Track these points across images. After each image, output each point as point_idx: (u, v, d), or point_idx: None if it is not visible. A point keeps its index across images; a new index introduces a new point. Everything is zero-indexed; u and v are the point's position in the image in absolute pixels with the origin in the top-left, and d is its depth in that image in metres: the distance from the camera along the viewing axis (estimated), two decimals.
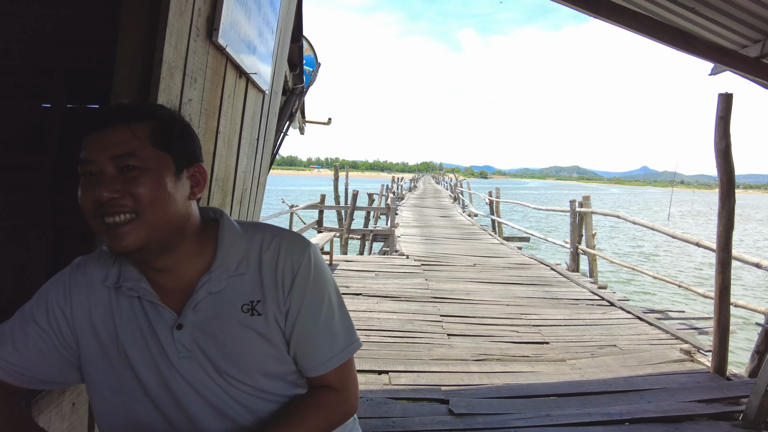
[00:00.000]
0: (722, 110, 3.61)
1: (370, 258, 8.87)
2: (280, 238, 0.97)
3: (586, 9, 3.30)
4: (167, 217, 0.85)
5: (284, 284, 0.93)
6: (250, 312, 0.91)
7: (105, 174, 0.82)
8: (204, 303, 0.90)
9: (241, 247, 0.94)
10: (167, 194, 0.84)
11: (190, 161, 0.91)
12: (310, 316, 0.94)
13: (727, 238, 3.82)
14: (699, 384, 3.69)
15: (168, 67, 1.34)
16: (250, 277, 0.93)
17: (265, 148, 2.92)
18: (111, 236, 0.81)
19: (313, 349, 0.95)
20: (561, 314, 5.46)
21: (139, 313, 0.90)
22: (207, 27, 1.61)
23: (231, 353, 0.90)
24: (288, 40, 3.21)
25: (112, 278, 0.91)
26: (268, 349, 0.92)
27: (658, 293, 11.80)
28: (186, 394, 0.89)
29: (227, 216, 0.98)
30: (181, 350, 0.88)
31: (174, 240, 0.88)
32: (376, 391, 3.35)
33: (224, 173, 2.05)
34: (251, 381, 0.91)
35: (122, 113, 0.85)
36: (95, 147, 0.82)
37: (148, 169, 0.83)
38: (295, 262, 0.94)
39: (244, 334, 0.90)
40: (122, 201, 0.81)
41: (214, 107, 1.81)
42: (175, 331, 0.88)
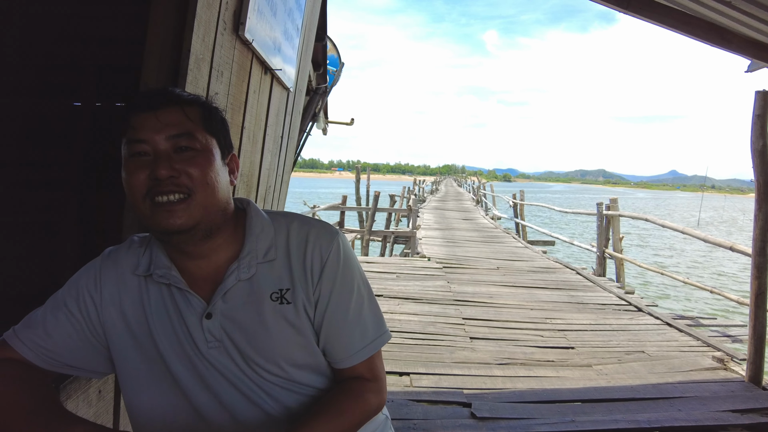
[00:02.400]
0: (759, 108, 3.47)
1: (391, 260, 8.84)
2: (309, 227, 0.96)
3: (616, 5, 3.22)
4: (216, 200, 0.85)
5: (313, 273, 0.91)
6: (279, 300, 0.90)
7: (161, 152, 0.82)
8: (233, 291, 0.89)
9: (269, 235, 0.93)
10: (218, 176, 0.86)
11: (229, 149, 0.93)
12: (340, 305, 0.93)
13: (763, 242, 3.67)
14: (733, 393, 3.55)
15: (195, 60, 1.34)
16: (278, 264, 0.92)
17: (288, 146, 2.93)
18: (164, 214, 0.81)
19: (343, 340, 0.94)
20: (587, 319, 5.34)
21: (168, 301, 0.90)
22: (234, 21, 1.61)
23: (259, 342, 0.89)
24: (312, 38, 3.21)
25: (143, 266, 0.91)
26: (297, 338, 0.91)
27: (690, 300, 11.48)
28: (218, 383, 0.89)
29: (254, 205, 0.98)
30: (210, 339, 0.88)
31: (218, 224, 0.88)
32: (397, 393, 3.31)
33: (249, 169, 2.06)
34: (279, 371, 0.90)
35: (175, 96, 0.86)
36: (148, 126, 0.82)
37: (203, 150, 0.84)
38: (324, 250, 0.92)
39: (274, 322, 0.89)
40: (179, 180, 0.81)
41: (240, 102, 1.81)
42: (204, 321, 0.88)
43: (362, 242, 10.97)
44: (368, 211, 11.36)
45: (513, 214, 17.15)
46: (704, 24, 3.27)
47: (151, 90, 0.88)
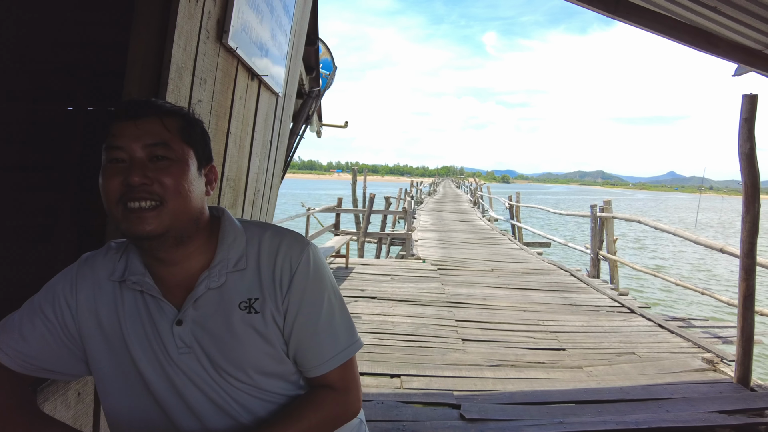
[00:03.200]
0: (746, 112, 3.51)
1: (386, 261, 8.87)
2: (280, 238, 0.97)
3: (603, 10, 3.25)
4: (188, 209, 0.88)
5: (282, 283, 0.93)
6: (247, 309, 0.92)
7: (136, 160, 0.84)
8: (203, 299, 0.91)
9: (240, 244, 0.95)
10: (191, 186, 0.88)
11: (207, 160, 0.95)
12: (310, 315, 0.94)
13: (751, 244, 3.71)
14: (721, 394, 3.58)
15: (177, 69, 1.36)
16: (248, 274, 0.94)
17: (278, 150, 2.95)
18: (134, 220, 0.83)
19: (313, 349, 0.95)
20: (579, 321, 5.37)
21: (141, 307, 0.92)
22: (217, 29, 1.63)
23: (228, 350, 0.91)
24: (303, 43, 3.24)
25: (119, 272, 0.94)
26: (265, 347, 0.92)
27: (683, 301, 11.52)
28: (188, 389, 0.91)
29: (228, 214, 1.00)
30: (181, 346, 0.90)
31: (189, 232, 0.90)
32: (387, 395, 3.34)
33: (236, 174, 2.08)
34: (247, 379, 0.92)
35: (155, 106, 0.89)
36: (127, 134, 0.85)
37: (177, 160, 0.87)
38: (293, 261, 0.94)
39: (242, 331, 0.91)
40: (151, 188, 0.83)
41: (225, 108, 1.83)
42: (175, 327, 0.90)
43: (358, 244, 10.99)
44: (364, 213, 11.38)
45: (509, 216, 17.19)
46: (691, 29, 3.31)
47: (134, 100, 0.91)
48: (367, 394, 3.33)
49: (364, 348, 4.14)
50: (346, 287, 6.26)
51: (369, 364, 3.81)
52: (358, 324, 4.71)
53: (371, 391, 3.38)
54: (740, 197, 3.81)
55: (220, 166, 1.88)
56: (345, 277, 6.87)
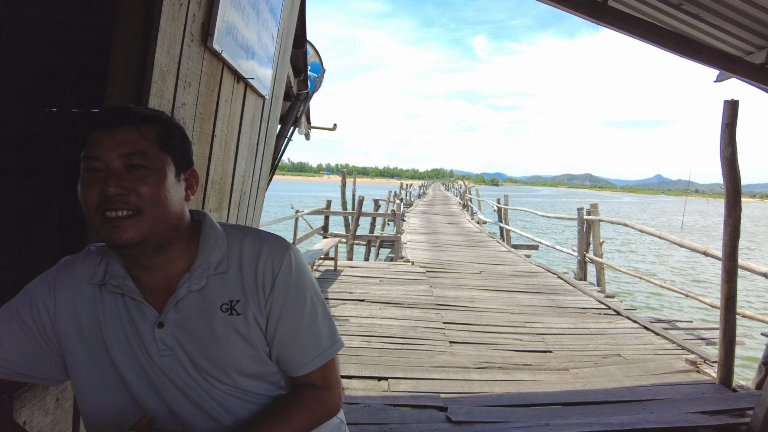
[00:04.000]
0: (728, 117, 3.57)
1: (375, 264, 8.86)
2: (262, 241, 0.98)
3: (589, 16, 3.29)
4: (166, 216, 0.88)
5: (265, 285, 0.94)
6: (229, 311, 0.93)
7: (112, 170, 0.84)
8: (185, 301, 0.92)
9: (222, 247, 0.96)
10: (168, 194, 0.88)
11: (187, 165, 0.95)
12: (293, 316, 0.96)
13: (733, 247, 3.76)
14: (704, 395, 3.63)
15: (160, 72, 1.36)
16: (230, 276, 0.94)
17: (265, 153, 2.94)
18: (112, 229, 0.83)
19: (297, 349, 0.97)
20: (566, 323, 5.41)
21: (122, 311, 0.92)
22: (202, 32, 1.63)
23: (210, 352, 0.91)
24: (290, 45, 3.24)
25: (99, 276, 0.93)
26: (247, 349, 0.93)
27: (670, 303, 11.65)
28: (170, 392, 0.91)
29: (210, 217, 1.00)
30: (163, 348, 0.90)
31: (169, 238, 0.90)
32: (374, 398, 3.34)
33: (221, 177, 2.07)
34: (230, 380, 0.92)
35: (132, 114, 0.88)
36: (104, 144, 0.85)
37: (154, 169, 0.87)
38: (275, 263, 0.95)
39: (224, 333, 0.92)
40: (127, 198, 0.84)
41: (210, 111, 1.83)
42: (156, 330, 0.90)
43: (347, 247, 10.98)
44: (353, 215, 11.38)
45: (498, 219, 17.28)
46: (674, 36, 3.36)
47: (111, 108, 0.91)
48: (354, 397, 3.33)
49: (352, 351, 4.14)
50: (334, 290, 6.25)
51: (356, 367, 3.81)
52: (346, 327, 4.73)
53: (358, 394, 3.38)
54: (723, 200, 3.87)
55: (205, 169, 1.87)
56: (333, 279, 6.86)
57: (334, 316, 5.12)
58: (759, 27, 3.15)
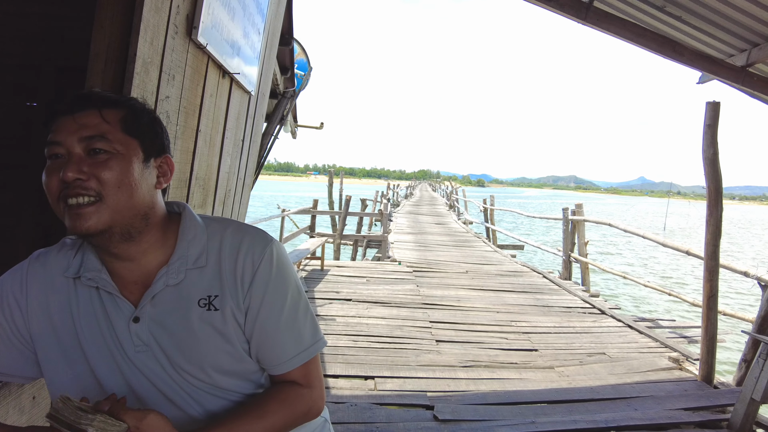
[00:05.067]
0: (710, 119, 3.62)
1: (362, 264, 8.85)
2: (243, 234, 0.96)
3: (574, 16, 3.32)
4: (132, 203, 0.84)
5: (244, 280, 0.92)
6: (206, 307, 0.90)
7: (73, 155, 0.81)
8: (162, 296, 0.89)
9: (201, 241, 0.93)
10: (133, 180, 0.84)
11: (159, 151, 0.91)
12: (272, 312, 0.93)
13: (714, 246, 3.82)
14: (686, 392, 3.68)
15: (143, 63, 1.33)
16: (209, 271, 0.92)
17: (251, 149, 2.91)
18: (73, 216, 0.80)
19: (276, 346, 0.94)
20: (551, 322, 5.45)
21: (97, 304, 0.89)
22: (186, 25, 1.60)
23: (186, 348, 0.89)
24: (276, 42, 3.21)
25: (74, 269, 0.90)
26: (225, 345, 0.91)
27: (653, 302, 11.82)
28: (144, 388, 0.88)
29: (190, 209, 0.98)
30: (138, 343, 0.88)
31: (138, 227, 0.87)
32: (361, 397, 3.32)
33: (205, 173, 2.04)
34: (206, 378, 0.90)
35: (93, 98, 0.85)
36: (64, 129, 0.82)
37: (116, 154, 0.83)
38: (256, 257, 0.93)
39: (201, 329, 0.89)
40: (87, 183, 0.80)
41: (195, 105, 1.80)
42: (132, 324, 0.88)
43: (334, 246, 10.94)
44: (340, 215, 11.35)
45: (484, 219, 17.37)
46: (658, 37, 3.40)
47: (75, 93, 0.88)
48: (340, 396, 3.31)
49: (339, 350, 4.12)
50: (321, 289, 6.22)
51: (343, 366, 3.79)
52: (332, 326, 4.71)
53: (345, 393, 3.36)
54: (704, 202, 3.92)
55: (189, 164, 1.85)
56: (320, 279, 6.83)
57: (320, 316, 5.08)
58: (740, 30, 3.21)
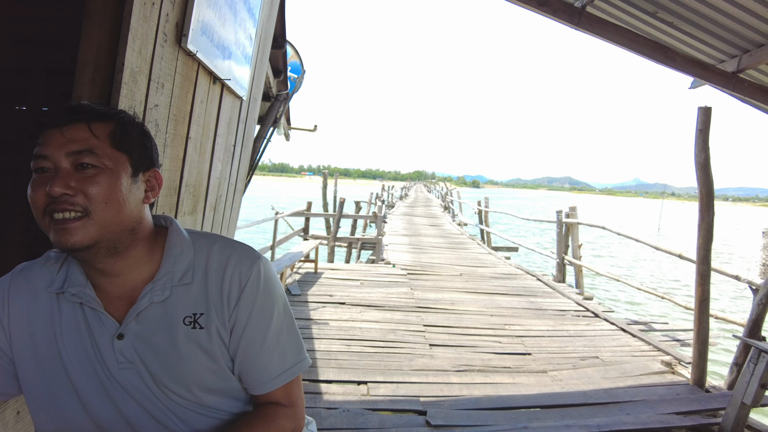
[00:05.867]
0: (701, 123, 3.64)
1: (355, 266, 8.83)
2: (230, 250, 0.95)
3: (567, 21, 3.33)
4: (119, 218, 0.84)
5: (230, 298, 0.91)
6: (192, 325, 0.89)
7: (60, 169, 0.81)
8: (146, 313, 0.89)
9: (187, 257, 0.92)
10: (121, 195, 0.84)
11: (147, 166, 0.91)
12: (257, 331, 0.92)
13: (706, 250, 3.84)
14: (678, 396, 3.69)
15: (131, 72, 1.32)
16: (195, 288, 0.91)
17: (243, 154, 2.90)
18: (59, 231, 0.79)
19: (260, 366, 0.94)
20: (545, 325, 5.46)
21: (80, 320, 0.88)
22: (176, 32, 1.59)
23: (170, 366, 0.88)
24: (269, 45, 3.20)
25: (58, 284, 0.90)
26: (210, 364, 0.90)
27: (646, 305, 11.87)
28: (128, 405, 0.88)
29: (177, 224, 0.97)
30: (122, 361, 0.87)
31: (124, 242, 0.86)
32: (353, 402, 3.31)
33: (196, 179, 2.03)
34: (191, 396, 0.89)
35: (82, 112, 0.84)
36: (52, 143, 0.81)
37: (105, 169, 0.83)
38: (243, 275, 0.92)
39: (186, 347, 0.89)
40: (74, 198, 0.80)
41: (184, 113, 1.79)
42: (116, 341, 0.87)
43: (328, 249, 10.92)
44: (334, 217, 11.33)
45: (478, 221, 17.40)
46: (650, 43, 3.42)
47: (63, 105, 0.87)
48: (332, 402, 3.30)
49: (331, 355, 4.11)
50: (314, 292, 6.20)
51: (336, 371, 3.77)
52: (325, 330, 4.70)
53: (337, 399, 3.35)
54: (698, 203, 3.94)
55: (179, 172, 1.83)
56: (314, 282, 6.81)
57: (313, 320, 5.05)
58: (731, 36, 3.23)
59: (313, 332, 4.64)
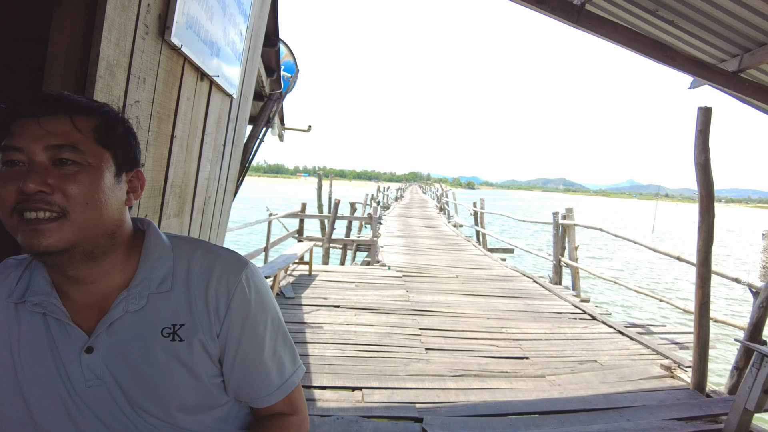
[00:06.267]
0: (701, 124, 3.58)
1: (350, 268, 8.74)
2: (214, 256, 0.87)
3: (566, 19, 3.26)
4: (99, 221, 0.76)
5: (218, 309, 0.84)
6: (171, 337, 0.81)
7: (35, 164, 0.72)
8: (121, 323, 0.80)
9: (166, 263, 0.85)
10: (104, 196, 0.76)
11: (131, 165, 0.83)
12: (254, 345, 0.86)
13: (706, 253, 3.78)
14: (679, 401, 3.63)
15: (107, 65, 1.23)
16: (175, 296, 0.83)
17: (233, 154, 2.81)
18: (30, 232, 0.71)
19: (260, 379, 0.88)
20: (542, 328, 5.39)
21: (42, 333, 0.80)
22: (158, 25, 1.51)
23: (146, 383, 0.80)
24: (260, 43, 3.11)
25: (18, 293, 0.81)
26: (190, 380, 0.82)
27: (642, 307, 11.85)
28: (93, 427, 0.79)
29: (155, 227, 0.89)
30: (90, 377, 0.78)
31: (102, 247, 0.78)
32: (347, 409, 3.23)
33: (182, 180, 1.94)
34: (167, 417, 0.81)
35: (63, 102, 0.76)
36: (28, 134, 0.73)
37: (87, 167, 0.74)
38: (231, 283, 0.85)
39: (164, 361, 0.80)
40: (51, 197, 0.71)
41: (169, 110, 1.70)
42: (84, 356, 0.78)
43: (322, 250, 10.82)
44: (329, 218, 11.23)
45: (474, 222, 17.35)
46: (650, 41, 3.36)
47: (42, 94, 0.78)
48: (326, 408, 3.22)
49: (325, 360, 4.02)
50: (308, 295, 6.11)
51: (330, 377, 3.69)
52: (319, 334, 4.61)
53: (331, 406, 3.26)
54: (692, 204, 3.88)
55: (164, 172, 1.75)
56: (308, 284, 6.72)
57: (307, 324, 4.95)
58: (732, 35, 3.17)
59: (306, 336, 4.55)
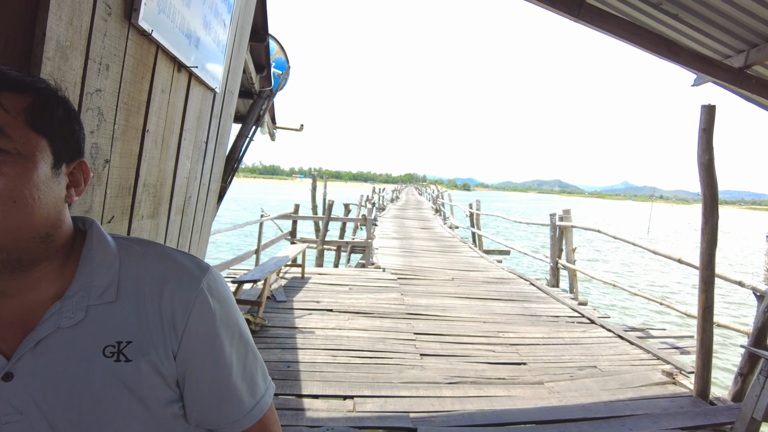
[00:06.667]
0: (705, 122, 3.47)
1: (344, 271, 8.59)
2: (169, 261, 0.74)
3: (567, 13, 3.14)
4: (30, 223, 0.62)
5: (174, 322, 0.70)
6: (114, 356, 0.67)
7: None
8: (51, 342, 0.66)
9: (111, 269, 0.71)
10: (37, 192, 0.62)
11: (72, 156, 0.69)
12: (221, 365, 0.74)
13: (710, 255, 3.67)
14: (682, 409, 3.51)
15: (57, 46, 1.09)
16: (120, 308, 0.69)
17: (217, 152, 2.67)
18: None
19: (229, 402, 0.76)
20: (540, 332, 5.26)
21: None
22: (124, 6, 1.36)
23: (82, 415, 0.65)
24: (246, 36, 2.97)
25: None
26: (138, 409, 0.68)
27: (640, 310, 11.75)
28: None
29: (98, 227, 0.75)
30: (9, 412, 0.64)
31: (33, 253, 0.64)
32: (338, 419, 3.08)
33: (157, 179, 1.80)
34: None
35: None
36: None
37: (16, 155, 0.60)
38: (189, 294, 0.71)
39: (106, 387, 0.66)
40: None
41: (140, 102, 1.56)
42: (1, 384, 0.64)
43: (316, 253, 10.67)
44: (322, 220, 11.08)
45: (470, 224, 17.24)
46: (653, 36, 3.24)
47: None
48: (316, 419, 3.07)
49: (316, 367, 3.87)
50: (300, 299, 5.96)
51: (320, 385, 3.54)
52: (311, 339, 4.45)
53: (321, 416, 3.12)
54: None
55: (134, 170, 1.60)
56: (300, 288, 6.57)
57: (298, 328, 4.78)
58: (739, 29, 3.05)
59: (297, 342, 4.40)
